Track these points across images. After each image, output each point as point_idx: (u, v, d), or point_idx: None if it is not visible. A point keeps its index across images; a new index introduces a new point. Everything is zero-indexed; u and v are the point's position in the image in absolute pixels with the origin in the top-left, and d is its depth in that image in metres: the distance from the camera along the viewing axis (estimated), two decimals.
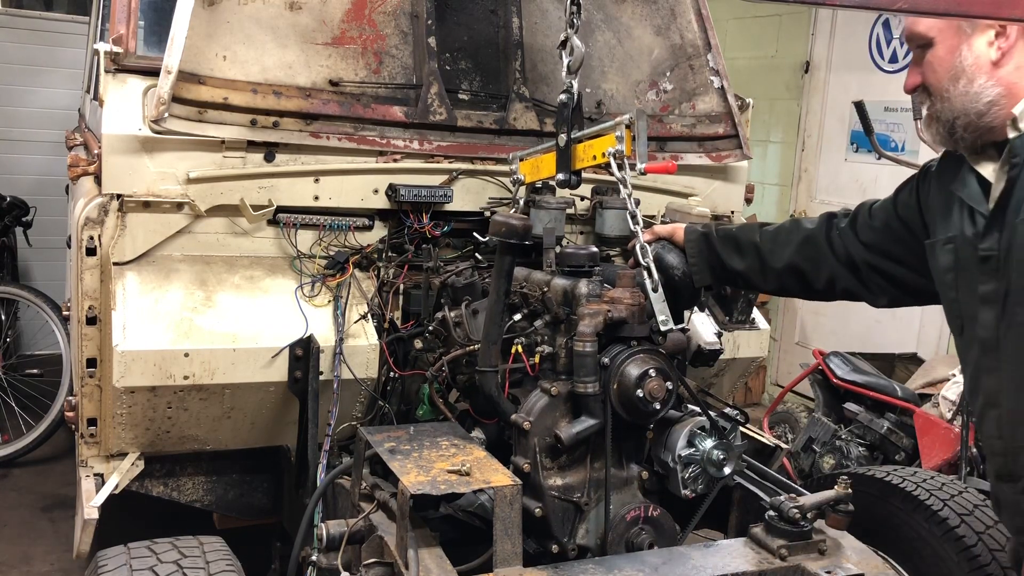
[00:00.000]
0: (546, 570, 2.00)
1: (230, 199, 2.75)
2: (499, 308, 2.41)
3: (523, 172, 2.82)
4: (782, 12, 6.43)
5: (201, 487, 2.96)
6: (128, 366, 2.51)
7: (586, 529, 2.24)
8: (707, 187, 3.41)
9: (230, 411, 2.70)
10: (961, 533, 2.47)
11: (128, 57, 2.68)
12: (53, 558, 3.90)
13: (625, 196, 2.43)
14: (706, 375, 3.35)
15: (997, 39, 1.76)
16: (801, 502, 2.17)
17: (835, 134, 6.11)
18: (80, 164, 2.84)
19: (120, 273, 2.64)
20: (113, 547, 2.18)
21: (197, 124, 2.65)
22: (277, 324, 2.68)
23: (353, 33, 2.94)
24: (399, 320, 2.90)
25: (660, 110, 3.40)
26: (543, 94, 3.19)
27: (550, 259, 2.60)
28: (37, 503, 4.41)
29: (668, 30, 3.46)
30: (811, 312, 6.30)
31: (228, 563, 2.13)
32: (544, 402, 2.23)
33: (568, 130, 2.53)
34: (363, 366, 2.76)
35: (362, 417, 2.83)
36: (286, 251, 2.85)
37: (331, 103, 2.83)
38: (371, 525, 2.19)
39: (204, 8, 2.70)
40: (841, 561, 2.12)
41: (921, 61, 1.87)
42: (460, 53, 3.13)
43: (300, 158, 2.83)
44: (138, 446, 2.70)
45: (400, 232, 2.94)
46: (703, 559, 2.08)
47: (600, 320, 2.20)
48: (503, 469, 2.12)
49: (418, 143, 2.94)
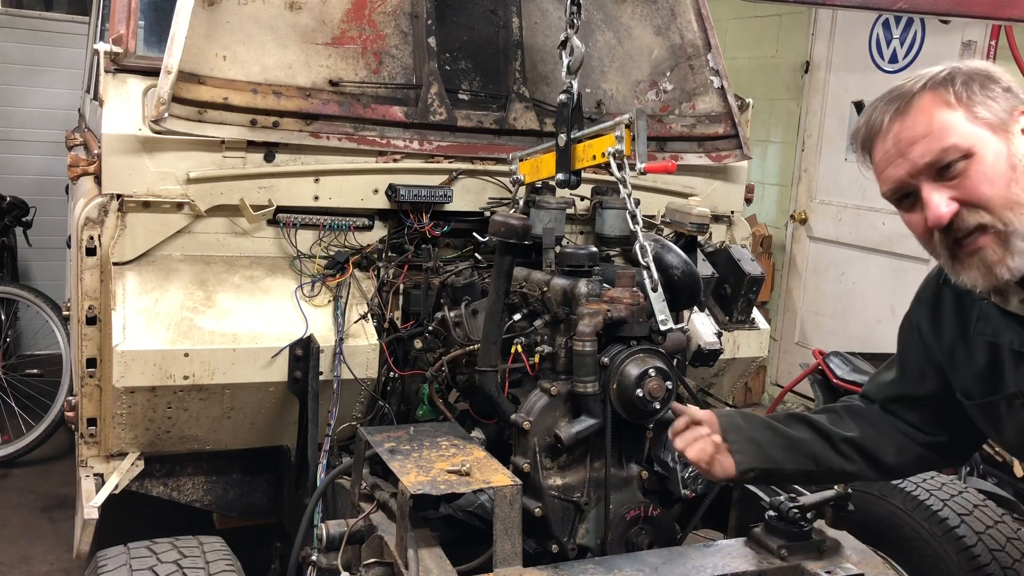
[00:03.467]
0: (546, 570, 2.00)
1: (230, 199, 2.75)
2: (499, 308, 2.41)
3: (523, 172, 2.82)
4: (782, 12, 6.43)
5: (201, 487, 2.96)
6: (128, 366, 2.51)
7: (586, 529, 2.24)
8: (707, 187, 3.41)
9: (230, 411, 2.70)
10: (961, 533, 2.47)
11: (128, 57, 2.68)
12: (53, 558, 3.90)
13: (625, 196, 2.43)
14: (706, 375, 3.35)
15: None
16: (801, 502, 2.18)
17: (835, 134, 6.11)
18: (80, 164, 2.84)
19: (120, 273, 2.64)
20: (113, 547, 2.18)
21: (197, 124, 2.65)
22: (277, 324, 2.68)
23: (353, 33, 2.94)
24: (399, 320, 2.90)
25: (660, 110, 3.40)
26: (543, 94, 3.19)
27: (550, 259, 2.60)
28: (37, 503, 4.41)
29: (668, 30, 3.46)
30: (811, 312, 6.30)
31: (228, 563, 2.13)
32: (544, 402, 2.23)
33: (568, 130, 2.53)
34: (363, 366, 2.76)
35: (362, 417, 2.83)
36: (286, 251, 2.85)
37: (331, 103, 2.83)
38: (371, 525, 2.19)
39: (204, 8, 2.70)
40: (841, 561, 2.12)
41: (956, 180, 1.52)
42: (460, 53, 3.13)
43: (300, 158, 2.83)
44: (138, 446, 2.70)
45: (400, 232, 2.94)
46: (703, 559, 2.08)
47: (600, 320, 2.20)
48: (503, 469, 2.12)
49: (418, 143, 2.94)
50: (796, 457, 1.96)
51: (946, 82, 1.54)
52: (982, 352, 1.71)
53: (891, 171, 1.58)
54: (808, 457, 1.96)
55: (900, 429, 1.96)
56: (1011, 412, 1.68)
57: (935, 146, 1.52)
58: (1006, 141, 1.52)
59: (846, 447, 1.96)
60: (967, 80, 1.54)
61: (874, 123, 1.60)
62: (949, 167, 1.52)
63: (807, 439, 1.95)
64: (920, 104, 1.54)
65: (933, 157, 1.52)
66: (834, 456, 1.96)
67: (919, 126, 1.53)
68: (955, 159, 1.51)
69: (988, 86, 1.54)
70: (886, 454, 1.97)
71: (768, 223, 6.55)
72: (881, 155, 1.59)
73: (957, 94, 1.52)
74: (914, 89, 1.55)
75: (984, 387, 1.73)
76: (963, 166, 1.51)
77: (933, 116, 1.53)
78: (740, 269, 2.93)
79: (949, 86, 1.53)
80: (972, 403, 1.77)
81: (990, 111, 1.52)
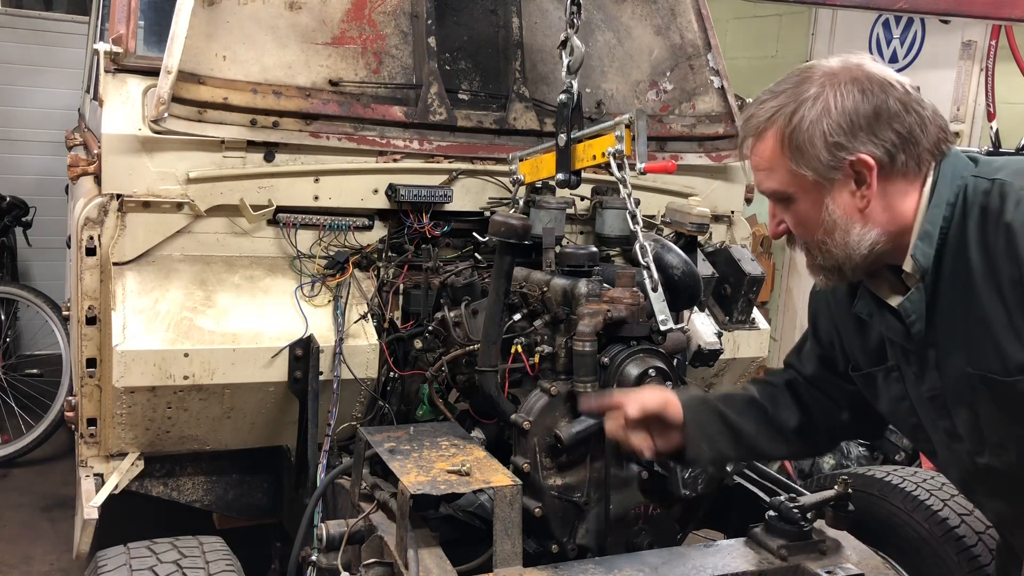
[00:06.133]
0: (546, 570, 2.00)
1: (230, 199, 2.75)
2: (499, 308, 2.41)
3: (523, 172, 2.82)
4: (782, 12, 6.43)
5: (201, 487, 2.96)
6: (128, 366, 2.51)
7: (586, 529, 2.24)
8: (707, 187, 3.41)
9: (230, 411, 2.70)
10: (961, 533, 2.47)
11: (128, 57, 2.68)
12: (53, 558, 3.90)
13: (625, 196, 2.43)
14: (706, 375, 3.35)
15: (859, 188, 1.63)
16: (801, 502, 2.18)
17: None
18: (80, 164, 2.84)
19: (120, 273, 2.64)
20: (113, 547, 2.18)
21: (197, 124, 2.65)
22: (277, 324, 2.68)
23: (353, 33, 2.94)
24: (399, 320, 2.90)
25: (660, 110, 3.40)
26: (543, 94, 3.19)
27: (550, 259, 2.60)
28: (37, 503, 4.41)
29: (668, 30, 3.46)
30: None
31: (228, 563, 2.13)
32: (544, 402, 2.23)
33: (568, 130, 2.53)
34: (363, 366, 2.76)
35: (362, 417, 2.83)
36: (286, 251, 2.84)
37: (331, 103, 2.83)
38: (371, 525, 2.19)
39: (204, 8, 2.70)
40: (841, 561, 2.12)
41: (785, 211, 1.74)
42: (460, 53, 3.13)
43: (300, 158, 2.83)
44: (138, 446, 2.70)
45: (400, 232, 2.94)
46: (703, 559, 2.08)
47: (600, 320, 2.20)
48: (503, 469, 2.12)
49: (418, 143, 2.94)
50: (740, 449, 2.11)
51: (787, 123, 1.63)
52: (863, 328, 1.85)
53: (754, 176, 1.79)
54: (751, 449, 2.12)
55: (824, 407, 2.07)
56: (887, 384, 1.83)
57: (763, 184, 1.73)
58: (821, 192, 1.65)
59: (786, 435, 2.09)
60: (806, 128, 1.61)
61: (745, 124, 1.74)
62: (781, 202, 1.73)
63: (753, 433, 2.08)
64: (766, 136, 1.68)
65: (765, 188, 1.74)
66: (773, 445, 2.12)
67: (758, 160, 1.71)
68: (779, 199, 1.72)
69: (827, 137, 1.60)
70: (819, 439, 2.14)
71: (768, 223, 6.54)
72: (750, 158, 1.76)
73: (789, 142, 1.64)
74: (770, 116, 1.66)
75: (868, 359, 1.87)
76: (786, 203, 1.72)
77: (767, 156, 1.69)
78: (740, 269, 2.93)
79: (785, 131, 1.64)
80: (856, 374, 1.92)
81: (809, 168, 1.63)
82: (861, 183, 1.63)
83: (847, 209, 1.65)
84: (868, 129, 1.59)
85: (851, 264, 1.68)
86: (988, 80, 4.93)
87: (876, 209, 1.64)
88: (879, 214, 1.65)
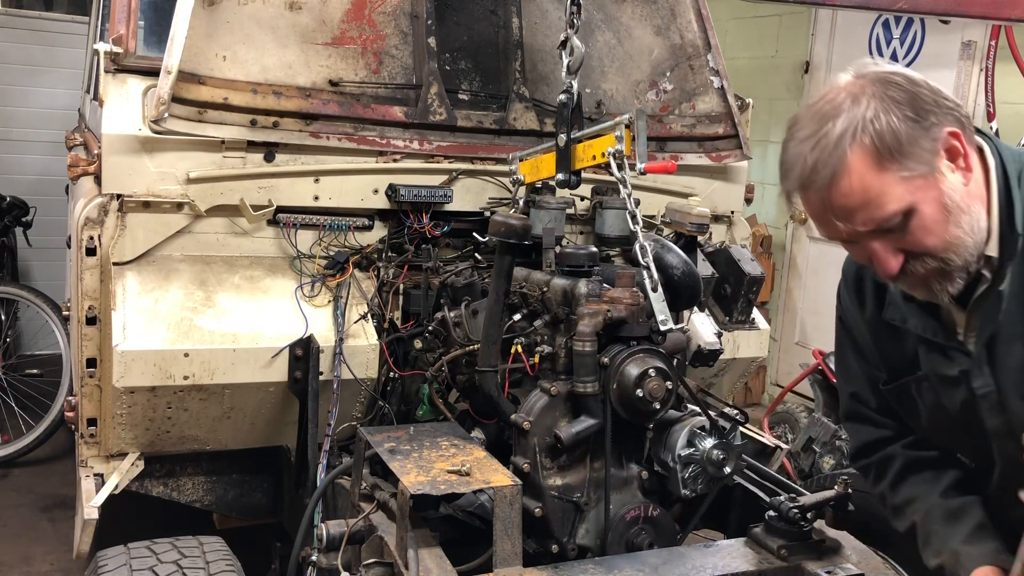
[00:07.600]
0: (546, 570, 2.00)
1: (230, 199, 2.75)
2: (499, 308, 2.41)
3: (523, 172, 2.82)
4: (782, 12, 6.43)
5: (201, 487, 2.96)
6: (128, 366, 2.51)
7: (586, 529, 2.24)
8: (707, 187, 3.41)
9: (230, 411, 2.70)
10: None
11: (128, 57, 2.68)
12: (53, 558, 3.90)
13: (625, 196, 2.43)
14: (706, 375, 3.35)
15: (955, 161, 1.52)
16: (801, 502, 2.17)
17: None
18: (80, 164, 2.84)
19: (120, 273, 2.64)
20: (113, 547, 2.18)
21: (197, 124, 2.65)
22: (277, 324, 2.68)
23: (353, 33, 2.94)
24: (399, 320, 2.90)
25: (660, 110, 3.40)
26: (543, 94, 3.19)
27: (550, 259, 2.60)
28: (37, 503, 4.41)
29: (668, 30, 3.47)
30: (811, 312, 6.29)
31: (228, 563, 2.13)
32: (544, 402, 2.23)
33: (568, 130, 2.53)
34: (363, 366, 2.76)
35: (362, 417, 2.83)
36: (286, 251, 2.85)
37: (331, 103, 2.83)
38: (371, 525, 2.19)
39: (204, 8, 2.70)
40: (841, 561, 2.12)
41: (902, 235, 1.53)
42: (460, 53, 3.13)
43: (300, 158, 2.83)
44: (138, 446, 2.70)
45: (400, 232, 2.94)
46: (703, 559, 2.08)
47: (599, 320, 2.20)
48: (503, 469, 2.12)
49: (418, 143, 2.94)
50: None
51: (870, 134, 1.46)
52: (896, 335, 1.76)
53: (829, 229, 1.57)
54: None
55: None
56: (920, 394, 1.75)
57: (875, 215, 1.50)
58: (937, 186, 1.51)
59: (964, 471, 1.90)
60: (892, 126, 1.46)
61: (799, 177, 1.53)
62: (898, 225, 1.52)
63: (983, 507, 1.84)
64: (850, 170, 1.47)
65: (875, 225, 1.51)
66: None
67: (854, 196, 1.49)
68: (898, 221, 1.51)
69: (913, 125, 1.48)
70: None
71: (768, 223, 6.54)
72: (814, 210, 1.56)
73: (885, 152, 1.46)
74: (839, 145, 1.47)
75: (900, 368, 1.78)
76: (904, 223, 1.51)
77: (867, 184, 1.48)
78: (740, 269, 2.93)
79: (874, 142, 1.46)
80: (887, 387, 1.82)
81: (919, 162, 1.48)
82: (955, 156, 1.52)
83: (960, 191, 1.52)
84: (932, 103, 1.50)
85: (978, 251, 1.55)
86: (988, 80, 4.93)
87: (972, 184, 1.55)
88: (976, 188, 1.56)
